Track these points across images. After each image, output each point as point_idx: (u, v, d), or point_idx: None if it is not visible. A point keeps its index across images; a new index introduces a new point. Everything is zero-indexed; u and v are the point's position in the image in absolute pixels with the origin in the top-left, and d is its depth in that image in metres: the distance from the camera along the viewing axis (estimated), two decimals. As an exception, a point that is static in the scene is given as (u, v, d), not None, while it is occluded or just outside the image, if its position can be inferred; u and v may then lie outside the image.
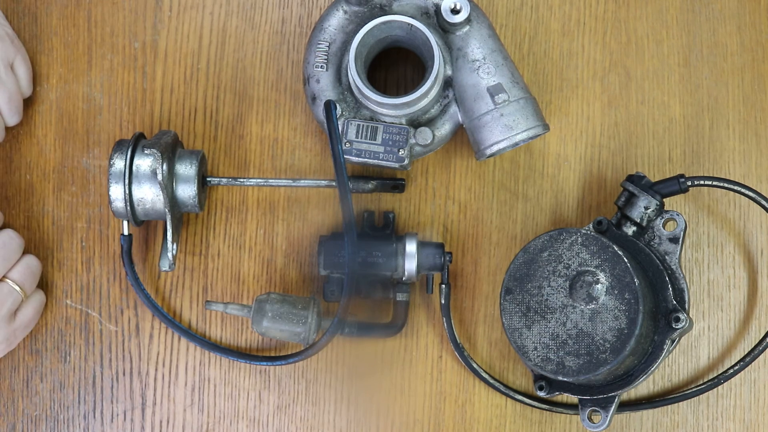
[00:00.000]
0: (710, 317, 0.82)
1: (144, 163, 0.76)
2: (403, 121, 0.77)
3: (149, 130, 0.84)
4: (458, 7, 0.75)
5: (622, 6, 0.85)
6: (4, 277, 0.77)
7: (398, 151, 0.76)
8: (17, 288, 0.77)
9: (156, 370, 0.82)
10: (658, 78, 0.84)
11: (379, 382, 0.82)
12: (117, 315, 0.82)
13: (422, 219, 0.83)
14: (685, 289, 0.76)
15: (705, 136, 0.83)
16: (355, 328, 0.80)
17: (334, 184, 0.79)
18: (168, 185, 0.76)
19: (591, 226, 0.77)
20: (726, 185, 0.78)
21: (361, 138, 0.77)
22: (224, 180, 0.80)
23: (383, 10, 0.77)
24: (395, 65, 0.84)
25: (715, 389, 0.80)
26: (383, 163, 0.77)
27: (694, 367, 0.81)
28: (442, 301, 0.80)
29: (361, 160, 0.77)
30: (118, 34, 0.85)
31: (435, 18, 0.77)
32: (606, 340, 0.71)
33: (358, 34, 0.75)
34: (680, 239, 0.76)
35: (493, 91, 0.75)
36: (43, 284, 0.82)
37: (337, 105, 0.76)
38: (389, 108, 0.76)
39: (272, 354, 0.82)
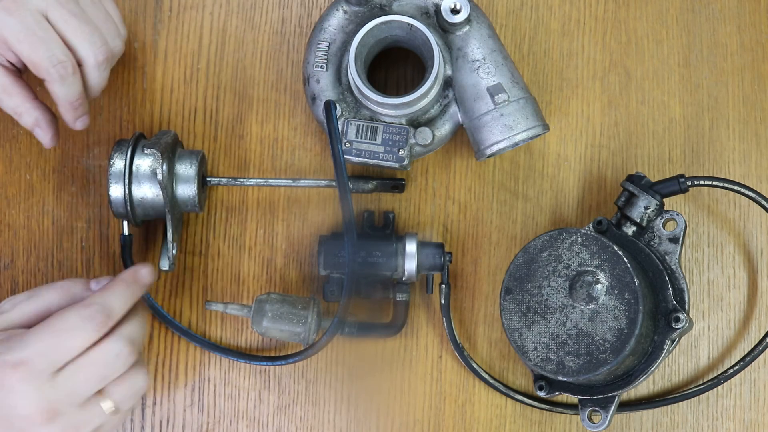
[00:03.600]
0: (710, 317, 0.82)
1: (144, 163, 0.76)
2: (403, 121, 0.77)
3: (149, 130, 0.84)
4: (458, 7, 0.75)
5: (622, 6, 0.85)
6: (101, 391, 0.66)
7: (398, 151, 0.76)
8: (110, 408, 0.67)
9: (156, 370, 0.82)
10: (658, 78, 0.84)
11: (379, 382, 0.82)
12: (117, 315, 0.82)
13: (422, 219, 0.83)
14: (685, 289, 0.76)
15: (705, 136, 0.83)
16: (355, 328, 0.80)
17: (334, 184, 0.79)
18: (168, 185, 0.76)
19: (591, 226, 0.77)
20: (726, 185, 0.78)
21: (361, 138, 0.77)
22: (224, 180, 0.80)
23: (383, 10, 0.77)
24: (395, 65, 0.84)
25: (715, 389, 0.80)
26: (383, 163, 0.77)
27: (694, 367, 0.81)
28: (442, 301, 0.80)
29: (361, 160, 0.77)
30: (118, 34, 0.85)
31: (435, 18, 0.77)
32: (606, 340, 0.71)
33: (358, 34, 0.75)
34: (680, 239, 0.76)
35: (493, 91, 0.75)
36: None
37: (337, 105, 0.76)
38: (389, 108, 0.76)
39: (272, 354, 0.82)
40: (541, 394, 0.77)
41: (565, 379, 0.72)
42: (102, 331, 0.66)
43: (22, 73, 0.74)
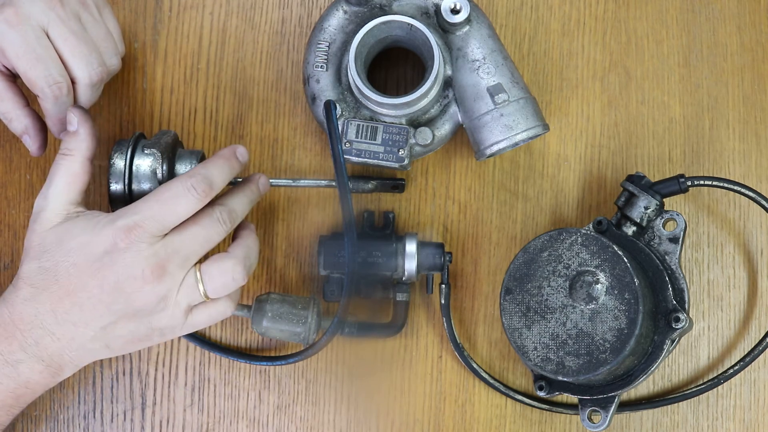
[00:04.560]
0: (710, 317, 0.82)
1: (144, 163, 0.76)
2: (403, 121, 0.77)
3: (149, 130, 0.84)
4: (458, 7, 0.75)
5: (622, 6, 0.85)
6: (199, 268, 0.70)
7: (398, 151, 0.76)
8: (201, 290, 0.70)
9: (156, 370, 0.82)
10: (658, 78, 0.84)
11: (379, 382, 0.82)
12: (117, 315, 0.82)
13: (422, 219, 0.83)
14: (685, 289, 0.76)
15: (705, 136, 0.83)
16: (355, 328, 0.80)
17: (334, 184, 0.79)
18: (168, 185, 0.76)
19: (591, 226, 0.77)
20: (726, 185, 0.78)
21: (361, 138, 0.77)
22: (224, 180, 0.80)
23: (383, 10, 0.77)
24: (395, 65, 0.84)
25: (715, 389, 0.80)
26: (383, 163, 0.77)
27: (694, 367, 0.81)
28: (442, 301, 0.80)
29: (361, 160, 0.77)
30: (118, 34, 0.85)
31: (435, 18, 0.77)
32: (606, 340, 0.71)
33: (358, 34, 0.75)
34: (680, 239, 0.76)
35: (493, 91, 0.76)
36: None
37: (337, 105, 0.76)
38: (389, 108, 0.76)
39: (272, 354, 0.82)
40: (541, 394, 0.77)
41: (565, 379, 0.72)
42: (204, 200, 0.70)
43: (16, 78, 0.74)
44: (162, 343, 0.82)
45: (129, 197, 0.76)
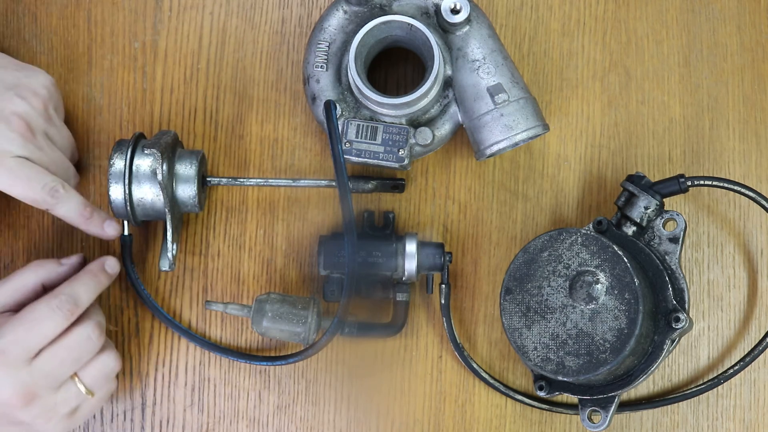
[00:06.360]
0: (710, 317, 0.82)
1: (144, 163, 0.76)
2: (403, 121, 0.77)
3: (149, 130, 0.84)
4: (458, 7, 0.75)
5: (622, 6, 0.85)
6: (75, 374, 0.72)
7: (398, 151, 0.76)
8: (84, 390, 0.72)
9: (156, 370, 0.82)
10: (658, 78, 0.84)
11: (379, 382, 0.82)
12: (117, 315, 0.82)
13: (422, 219, 0.83)
14: (685, 289, 0.76)
15: (705, 136, 0.83)
16: (355, 328, 0.80)
17: (334, 184, 0.79)
18: (168, 185, 0.76)
19: (591, 226, 0.77)
20: (726, 185, 0.78)
21: (361, 138, 0.77)
22: (224, 180, 0.80)
23: (383, 10, 0.77)
24: (395, 65, 0.84)
25: (715, 389, 0.80)
26: (383, 163, 0.77)
27: (694, 367, 0.81)
28: (442, 301, 0.80)
29: (361, 160, 0.77)
30: (118, 34, 0.85)
31: (435, 18, 0.77)
32: (606, 340, 0.71)
33: (358, 34, 0.75)
34: (680, 239, 0.76)
35: (493, 91, 0.76)
36: (43, 284, 0.83)
37: (337, 105, 0.76)
38: (389, 108, 0.76)
39: (272, 354, 0.82)
40: (541, 394, 0.77)
41: (565, 379, 0.72)
42: (70, 319, 0.71)
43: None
44: (162, 343, 0.82)
45: (129, 197, 0.76)
